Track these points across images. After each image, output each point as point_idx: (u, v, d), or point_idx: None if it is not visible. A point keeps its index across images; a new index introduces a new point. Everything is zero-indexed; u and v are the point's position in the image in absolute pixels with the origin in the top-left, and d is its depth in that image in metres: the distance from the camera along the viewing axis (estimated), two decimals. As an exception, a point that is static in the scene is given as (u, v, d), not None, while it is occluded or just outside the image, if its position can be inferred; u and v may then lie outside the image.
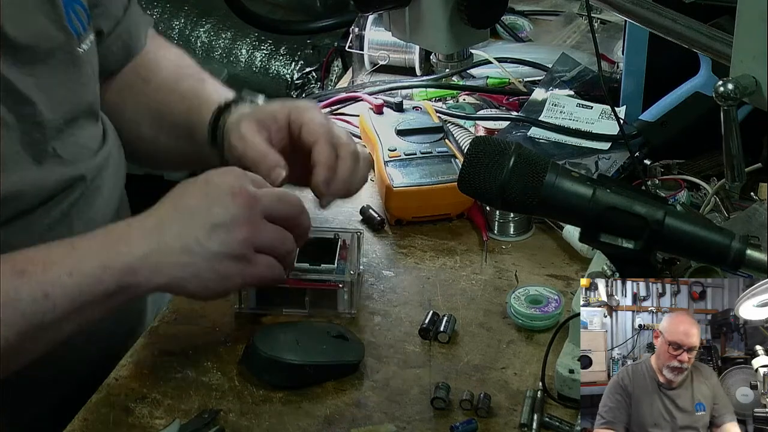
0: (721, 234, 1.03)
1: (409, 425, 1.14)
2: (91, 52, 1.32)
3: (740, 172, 1.12)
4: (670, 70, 1.51)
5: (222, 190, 1.15)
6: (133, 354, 1.25)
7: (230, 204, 1.14)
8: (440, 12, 1.39)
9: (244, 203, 1.15)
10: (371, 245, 1.42)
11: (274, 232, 1.18)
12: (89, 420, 1.16)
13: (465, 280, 1.36)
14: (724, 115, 1.09)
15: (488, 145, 1.07)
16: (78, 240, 1.15)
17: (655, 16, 1.24)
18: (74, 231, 1.27)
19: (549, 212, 1.13)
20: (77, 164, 1.29)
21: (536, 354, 1.22)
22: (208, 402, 1.17)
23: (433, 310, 1.29)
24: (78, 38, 1.29)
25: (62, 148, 1.26)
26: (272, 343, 1.20)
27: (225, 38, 2.53)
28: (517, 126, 1.58)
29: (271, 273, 1.18)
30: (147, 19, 1.54)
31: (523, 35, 1.92)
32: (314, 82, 2.39)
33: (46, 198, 1.25)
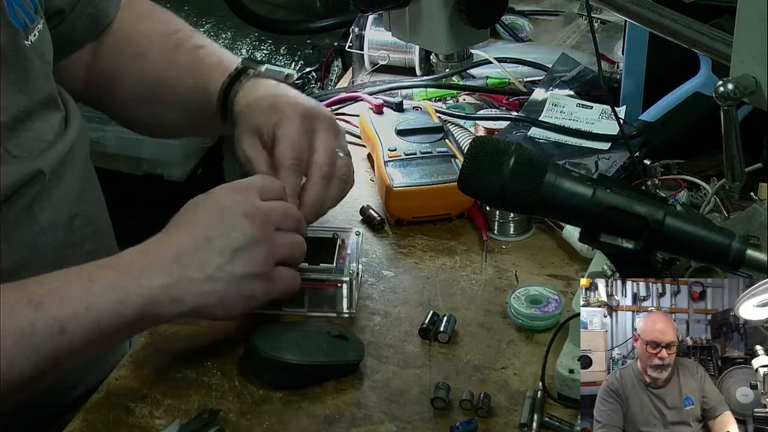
0: (721, 234, 1.03)
1: (409, 425, 1.14)
2: (40, 41, 1.29)
3: (740, 172, 1.12)
4: (670, 70, 1.51)
5: (236, 214, 1.15)
6: (133, 354, 1.25)
7: (247, 227, 1.15)
8: (440, 12, 1.39)
9: (259, 223, 1.16)
10: (371, 245, 1.42)
11: (288, 241, 1.19)
12: (89, 420, 1.16)
13: (465, 280, 1.36)
14: (724, 115, 1.09)
15: (488, 145, 1.07)
16: (94, 271, 1.12)
17: (655, 16, 1.24)
18: (39, 222, 1.26)
19: (549, 212, 1.13)
20: (35, 159, 1.26)
21: (536, 354, 1.22)
22: (208, 402, 1.17)
23: (433, 310, 1.29)
24: (24, 31, 1.25)
25: (16, 146, 1.24)
26: (272, 343, 1.20)
27: (225, 38, 2.53)
28: (517, 126, 1.58)
29: (292, 282, 1.20)
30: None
31: (523, 35, 1.91)
32: (314, 82, 2.38)
33: (4, 198, 1.22)
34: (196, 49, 1.43)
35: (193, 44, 1.44)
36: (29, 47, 1.26)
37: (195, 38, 1.46)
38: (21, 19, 1.25)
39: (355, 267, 1.30)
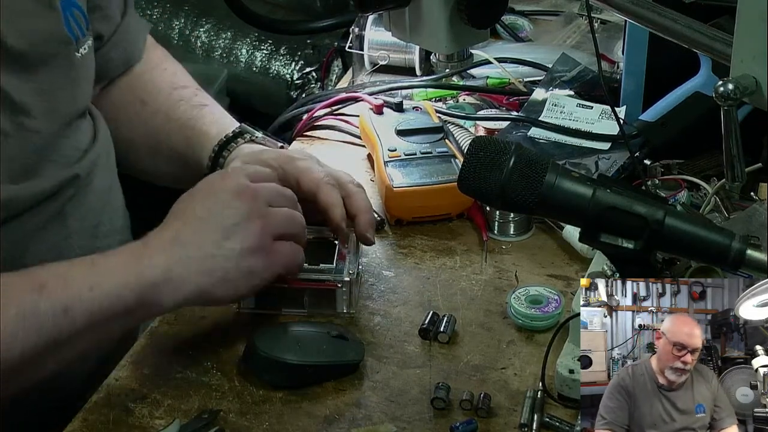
0: (721, 234, 1.03)
1: (409, 425, 1.14)
2: (88, 56, 1.33)
3: (740, 172, 1.12)
4: (670, 70, 1.51)
5: (227, 194, 1.19)
6: (133, 354, 1.25)
7: (238, 204, 1.19)
8: (440, 12, 1.39)
9: (250, 198, 1.19)
10: (371, 245, 1.42)
11: (283, 214, 1.23)
12: (89, 420, 1.16)
13: (465, 280, 1.36)
14: (724, 115, 1.08)
15: (488, 145, 1.07)
16: (98, 257, 1.16)
17: (655, 16, 1.24)
18: (68, 226, 1.28)
19: (549, 212, 1.13)
20: (72, 166, 1.29)
21: (536, 354, 1.22)
22: (208, 402, 1.17)
23: (433, 310, 1.29)
24: (76, 43, 1.29)
25: (58, 152, 1.27)
26: (272, 343, 1.20)
27: (225, 38, 2.52)
28: (517, 126, 1.58)
29: (293, 256, 1.22)
30: (145, 24, 1.54)
31: (523, 35, 1.91)
32: (314, 82, 2.38)
33: (41, 200, 1.25)
34: (198, 107, 1.47)
35: (197, 102, 1.48)
36: (79, 59, 1.29)
37: (200, 96, 1.50)
38: (75, 32, 1.29)
39: (354, 267, 1.30)
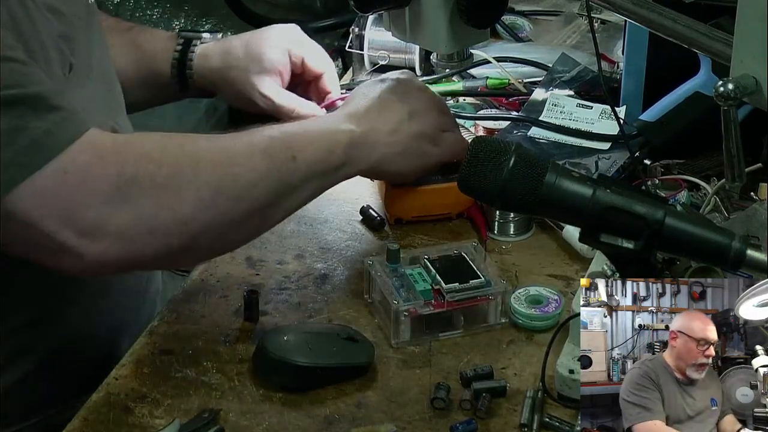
0: (721, 234, 1.03)
1: (409, 425, 1.14)
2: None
3: (740, 172, 1.12)
4: (670, 70, 1.51)
5: (412, 86, 1.41)
6: (133, 354, 1.25)
7: (421, 96, 1.40)
8: (440, 12, 1.39)
9: (430, 95, 1.43)
10: (371, 245, 1.42)
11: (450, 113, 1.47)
12: (89, 420, 1.16)
13: (465, 280, 1.35)
14: (724, 115, 1.09)
15: (488, 145, 1.07)
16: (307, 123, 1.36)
17: (655, 16, 1.24)
18: None
19: (549, 212, 1.13)
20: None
21: (536, 354, 1.22)
22: (208, 402, 1.17)
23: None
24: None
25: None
26: (282, 345, 1.19)
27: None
28: (517, 126, 1.58)
29: (458, 144, 1.40)
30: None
31: (523, 35, 1.91)
32: (314, 82, 2.38)
33: None
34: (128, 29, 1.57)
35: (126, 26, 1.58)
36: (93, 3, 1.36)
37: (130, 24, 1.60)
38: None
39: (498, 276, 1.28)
